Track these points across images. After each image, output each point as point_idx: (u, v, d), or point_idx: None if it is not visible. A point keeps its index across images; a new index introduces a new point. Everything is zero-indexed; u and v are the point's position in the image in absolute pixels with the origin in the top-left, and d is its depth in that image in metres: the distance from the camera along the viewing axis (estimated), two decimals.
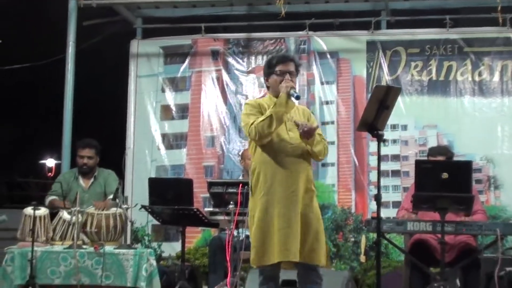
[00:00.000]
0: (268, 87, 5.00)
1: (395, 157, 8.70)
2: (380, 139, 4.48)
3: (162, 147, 9.35)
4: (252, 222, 4.80)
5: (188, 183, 6.87)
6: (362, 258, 8.47)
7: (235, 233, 6.28)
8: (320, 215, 4.91)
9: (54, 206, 6.99)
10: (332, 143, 8.79)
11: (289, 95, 4.69)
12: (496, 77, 8.56)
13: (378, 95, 4.43)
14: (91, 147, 7.49)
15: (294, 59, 5.04)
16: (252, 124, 4.74)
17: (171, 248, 9.00)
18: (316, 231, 4.77)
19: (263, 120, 4.69)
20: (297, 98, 4.70)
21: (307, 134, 4.76)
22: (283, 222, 4.65)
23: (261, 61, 9.26)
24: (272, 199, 4.69)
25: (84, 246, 6.48)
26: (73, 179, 7.51)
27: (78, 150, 7.53)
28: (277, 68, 4.88)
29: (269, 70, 4.95)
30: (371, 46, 8.92)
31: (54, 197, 7.17)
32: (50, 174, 23.01)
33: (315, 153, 4.91)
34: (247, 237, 6.88)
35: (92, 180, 7.50)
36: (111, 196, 6.84)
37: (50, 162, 24.82)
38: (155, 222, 7.22)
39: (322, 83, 9.06)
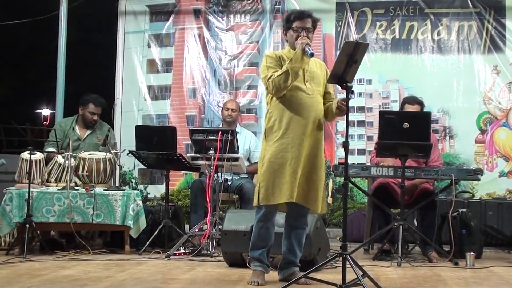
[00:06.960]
0: (287, 40, 4.83)
1: (360, 109, 8.67)
2: (349, 91, 4.39)
3: (148, 98, 9.25)
4: (262, 164, 4.66)
5: (172, 130, 6.85)
6: (330, 200, 8.48)
7: (214, 176, 6.25)
8: (324, 165, 4.82)
9: (50, 157, 6.81)
10: None
11: (304, 52, 4.53)
12: (453, 37, 8.50)
13: (347, 50, 4.32)
14: (102, 105, 7.32)
15: (311, 15, 4.75)
16: (270, 78, 4.60)
17: (156, 190, 8.98)
18: (320, 178, 4.67)
19: (279, 75, 4.55)
20: (311, 55, 4.53)
21: (342, 111, 4.65)
22: (295, 164, 4.54)
23: (239, 19, 9.15)
24: (286, 142, 4.57)
25: (77, 188, 6.45)
26: (69, 127, 7.30)
27: (89, 106, 7.24)
28: (294, 24, 4.69)
29: (287, 25, 4.75)
30: (340, 7, 8.77)
31: (52, 149, 6.93)
32: (45, 122, 22.78)
33: (333, 115, 4.82)
34: (226, 180, 6.88)
35: (90, 131, 7.31)
36: None
37: (45, 112, 24.58)
38: (142, 166, 7.23)
39: None
